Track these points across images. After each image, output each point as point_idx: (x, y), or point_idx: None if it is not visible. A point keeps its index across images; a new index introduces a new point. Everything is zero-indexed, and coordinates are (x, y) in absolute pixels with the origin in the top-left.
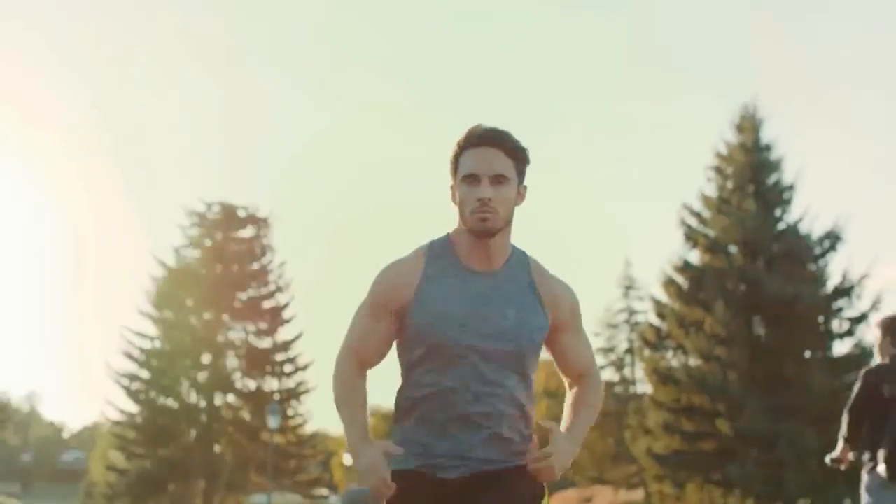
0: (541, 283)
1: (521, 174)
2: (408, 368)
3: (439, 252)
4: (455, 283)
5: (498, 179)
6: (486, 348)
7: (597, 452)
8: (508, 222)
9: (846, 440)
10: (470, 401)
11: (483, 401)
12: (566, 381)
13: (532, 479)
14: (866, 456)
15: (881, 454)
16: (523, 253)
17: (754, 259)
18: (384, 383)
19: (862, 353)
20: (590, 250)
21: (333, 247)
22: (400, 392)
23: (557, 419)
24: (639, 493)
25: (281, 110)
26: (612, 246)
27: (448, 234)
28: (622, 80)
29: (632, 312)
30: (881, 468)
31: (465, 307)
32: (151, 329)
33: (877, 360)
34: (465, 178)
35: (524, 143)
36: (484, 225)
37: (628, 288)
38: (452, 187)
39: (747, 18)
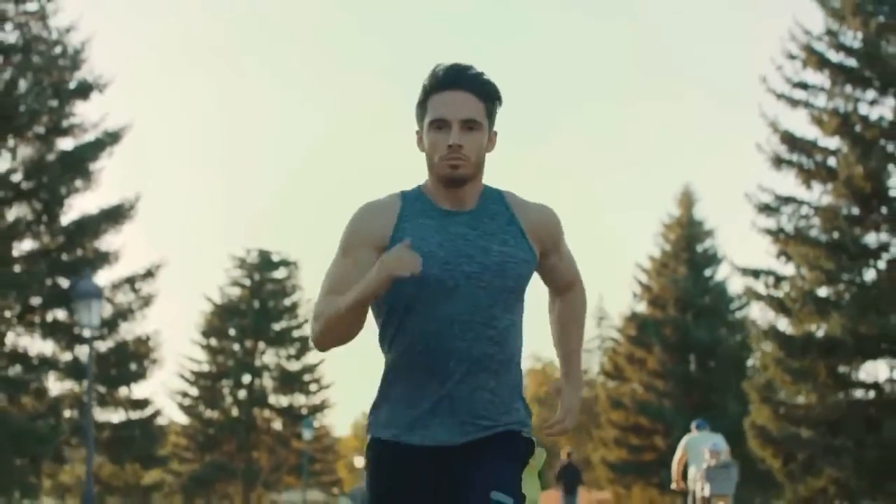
0: (520, 214)
1: (491, 118)
2: (391, 313)
3: (413, 197)
4: (433, 223)
5: (468, 125)
6: (472, 287)
7: None
8: (479, 170)
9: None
10: (455, 344)
11: (469, 343)
12: (549, 291)
13: (520, 442)
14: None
15: (562, 485)
16: (496, 189)
17: (685, 312)
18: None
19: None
20: (589, 255)
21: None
22: (385, 342)
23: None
24: (605, 494)
25: (281, 120)
26: (610, 251)
27: (419, 186)
28: (623, 86)
29: (603, 340)
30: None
31: (447, 246)
32: (200, 354)
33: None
34: (433, 124)
35: (497, 84)
36: (454, 172)
37: (601, 319)
38: (419, 133)
39: (749, 26)
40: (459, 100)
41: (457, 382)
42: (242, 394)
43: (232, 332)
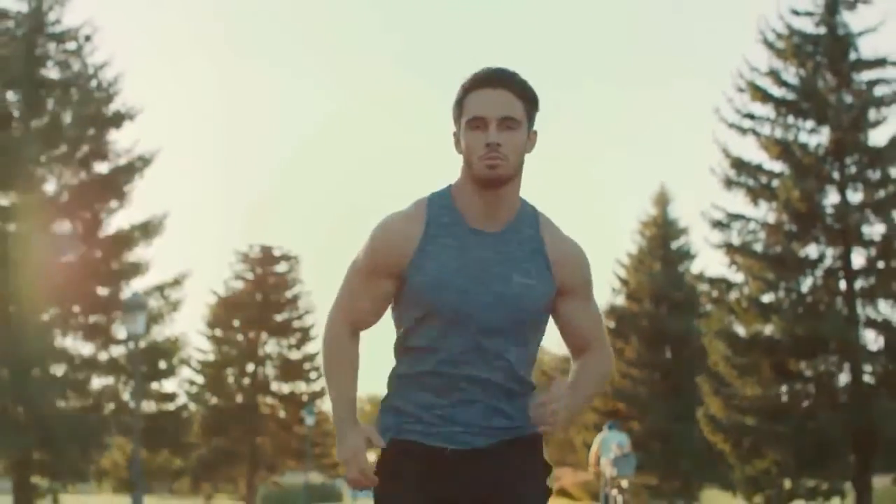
0: (550, 244)
1: (531, 118)
2: (404, 331)
3: (440, 209)
4: (456, 245)
5: (507, 123)
6: (487, 317)
7: (558, 440)
8: (518, 171)
9: None
10: (466, 371)
11: (480, 371)
12: (571, 356)
13: (534, 453)
14: None
15: None
16: (533, 208)
17: (659, 305)
18: (381, 370)
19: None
20: (586, 243)
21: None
22: (396, 354)
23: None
24: (588, 475)
25: (287, 106)
26: (608, 239)
27: (450, 187)
28: (621, 70)
29: None
30: None
31: (466, 273)
32: (206, 344)
33: None
34: (471, 122)
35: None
36: (493, 172)
37: None
38: (456, 135)
39: (748, 21)
40: (498, 98)
41: (467, 404)
42: (246, 382)
43: (236, 323)
